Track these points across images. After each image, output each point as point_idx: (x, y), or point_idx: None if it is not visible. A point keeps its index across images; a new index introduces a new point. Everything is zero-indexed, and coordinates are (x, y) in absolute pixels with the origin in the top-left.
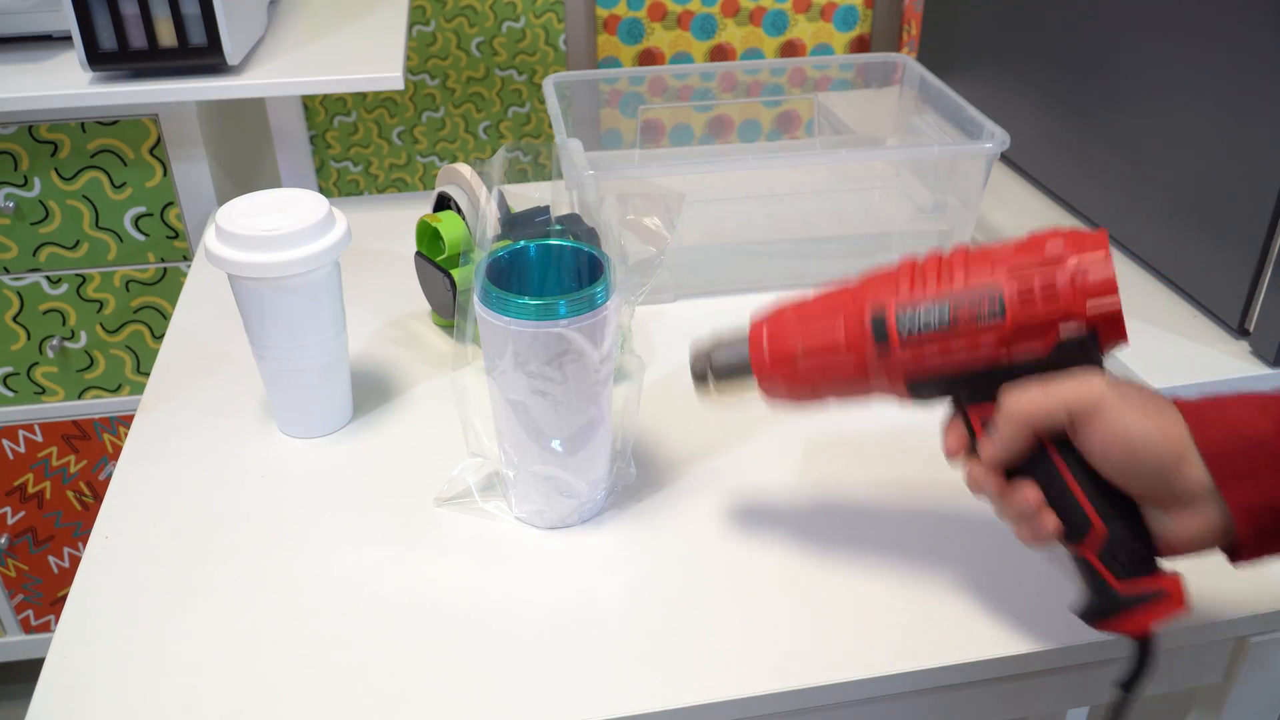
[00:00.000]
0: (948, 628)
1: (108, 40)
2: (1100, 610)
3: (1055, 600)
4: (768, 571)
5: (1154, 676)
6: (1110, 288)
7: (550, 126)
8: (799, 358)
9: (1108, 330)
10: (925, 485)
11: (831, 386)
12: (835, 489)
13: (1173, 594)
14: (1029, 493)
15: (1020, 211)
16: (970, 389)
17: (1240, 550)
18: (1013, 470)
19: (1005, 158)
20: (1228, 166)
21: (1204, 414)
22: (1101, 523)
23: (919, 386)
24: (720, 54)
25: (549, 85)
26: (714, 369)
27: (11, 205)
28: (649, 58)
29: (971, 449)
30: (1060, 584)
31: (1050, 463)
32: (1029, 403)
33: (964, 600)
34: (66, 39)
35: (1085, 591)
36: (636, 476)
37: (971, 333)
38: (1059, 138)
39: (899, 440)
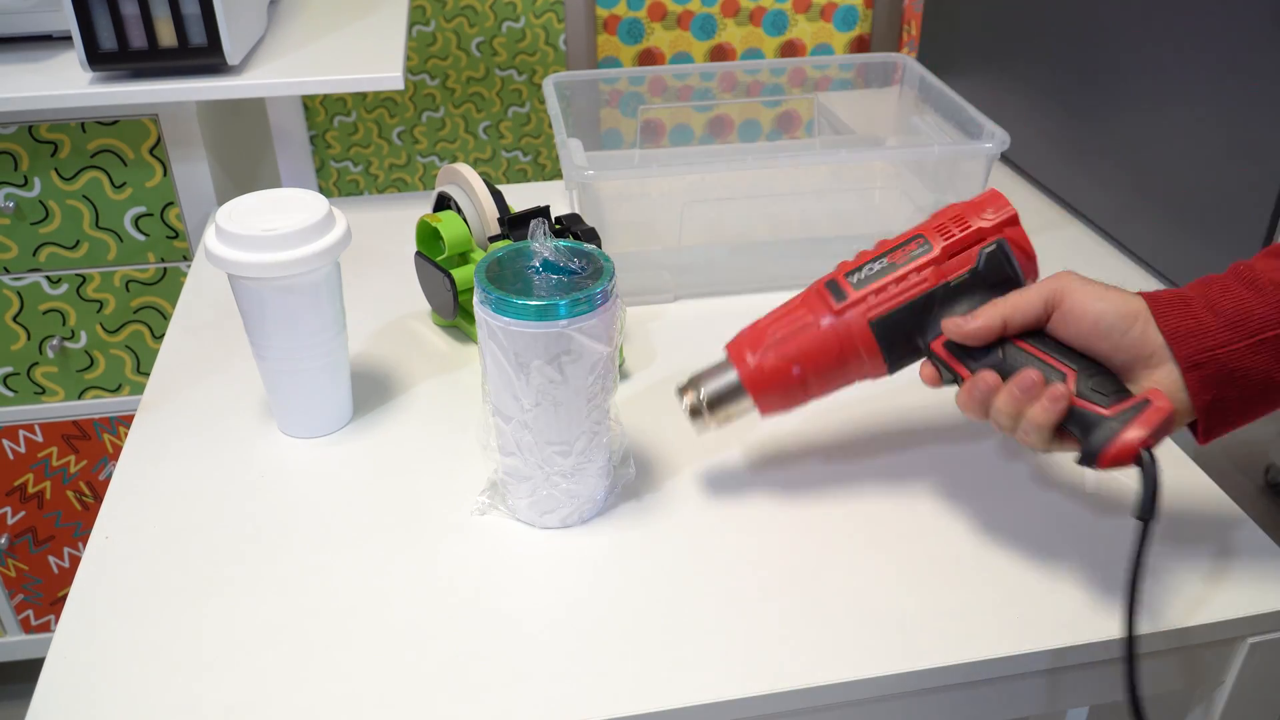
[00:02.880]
0: (946, 628)
1: (108, 40)
2: (1098, 444)
3: (1055, 600)
4: (768, 571)
5: (1153, 673)
6: (1002, 203)
7: (550, 126)
8: (777, 345)
9: (1014, 240)
10: (926, 486)
11: (813, 363)
12: (836, 489)
13: (1155, 401)
14: (986, 376)
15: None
16: (925, 324)
17: (1192, 402)
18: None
19: (1005, 158)
20: (1227, 167)
21: (1157, 295)
22: (1069, 366)
23: (884, 331)
24: (720, 54)
25: (549, 85)
26: (707, 398)
27: (11, 205)
28: (649, 58)
29: (944, 380)
30: (1061, 584)
31: (1011, 347)
32: (1010, 298)
33: (962, 600)
34: (66, 39)
35: (1082, 440)
36: (636, 476)
37: (910, 269)
38: (1059, 138)
39: (899, 441)
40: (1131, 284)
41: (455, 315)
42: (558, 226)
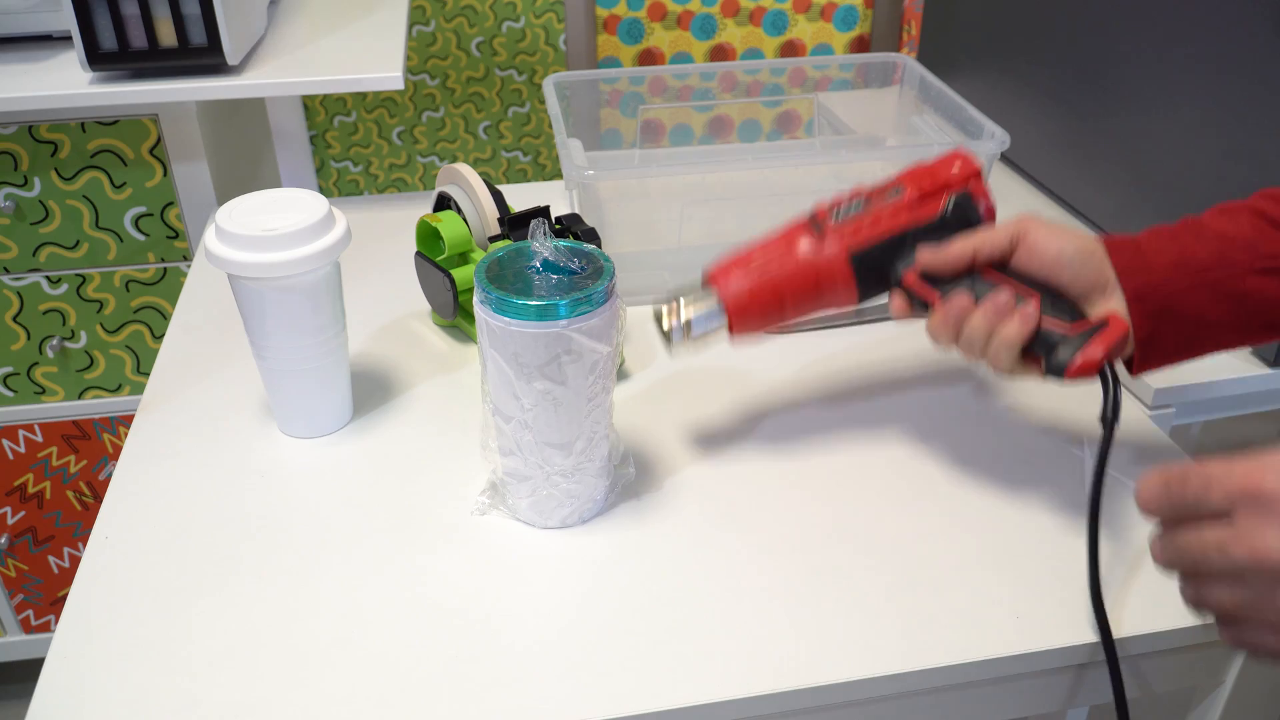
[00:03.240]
0: (948, 628)
1: (108, 40)
2: (1065, 357)
3: (1055, 600)
4: (768, 572)
5: (1153, 673)
6: (965, 158)
7: (550, 126)
8: (760, 274)
9: (976, 190)
10: (925, 485)
11: (792, 295)
12: (835, 489)
13: (1113, 321)
14: (960, 298)
15: (1020, 211)
16: (897, 259)
17: (1133, 332)
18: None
19: (1005, 158)
20: (1227, 167)
21: (1112, 238)
22: (1034, 292)
23: (860, 262)
24: (720, 54)
25: (549, 85)
26: (687, 316)
27: (11, 205)
28: (649, 58)
29: (914, 309)
30: (1061, 584)
31: (979, 277)
32: (978, 233)
33: (964, 600)
34: (66, 39)
35: (1048, 356)
36: (636, 477)
37: (885, 210)
38: (1059, 138)
39: (901, 442)
40: None
41: (455, 315)
42: (558, 226)
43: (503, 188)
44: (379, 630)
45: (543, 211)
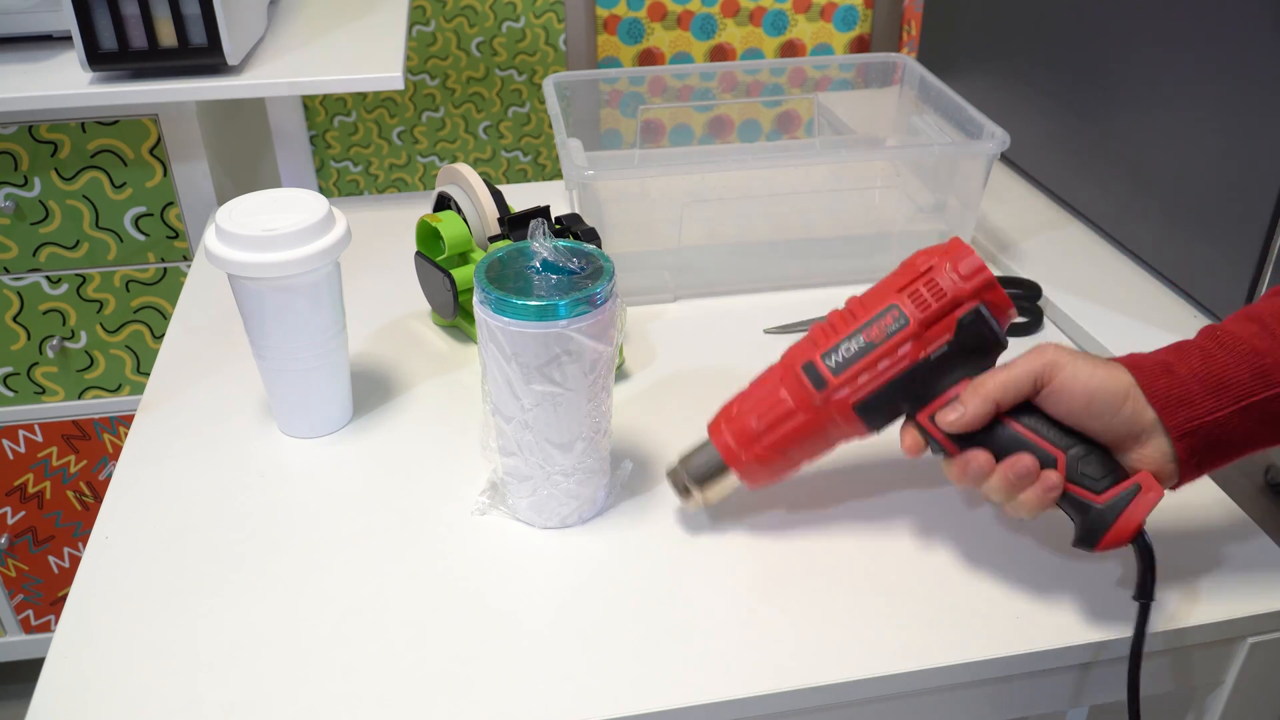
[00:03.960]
0: (948, 628)
1: (108, 40)
2: (1094, 533)
3: (1056, 600)
4: (768, 572)
5: (1153, 674)
6: (978, 265)
7: (550, 126)
8: (761, 435)
9: (993, 302)
10: (925, 487)
11: (799, 447)
12: (835, 490)
13: (1146, 485)
14: (979, 456)
15: (1020, 211)
16: (909, 397)
17: (1180, 468)
18: (967, 445)
19: (1005, 158)
20: (1227, 167)
21: (1141, 363)
22: (1059, 449)
23: (868, 411)
24: (720, 54)
25: (549, 85)
26: (693, 478)
27: (11, 205)
28: (649, 58)
29: (927, 447)
30: (1060, 585)
31: (1001, 427)
32: (994, 378)
33: (964, 600)
34: (66, 39)
35: (1076, 523)
36: (637, 477)
37: (889, 346)
38: (1059, 138)
39: (898, 440)
40: (1132, 284)
41: (455, 315)
42: (558, 226)
43: (503, 188)
44: (379, 630)
45: (543, 211)
